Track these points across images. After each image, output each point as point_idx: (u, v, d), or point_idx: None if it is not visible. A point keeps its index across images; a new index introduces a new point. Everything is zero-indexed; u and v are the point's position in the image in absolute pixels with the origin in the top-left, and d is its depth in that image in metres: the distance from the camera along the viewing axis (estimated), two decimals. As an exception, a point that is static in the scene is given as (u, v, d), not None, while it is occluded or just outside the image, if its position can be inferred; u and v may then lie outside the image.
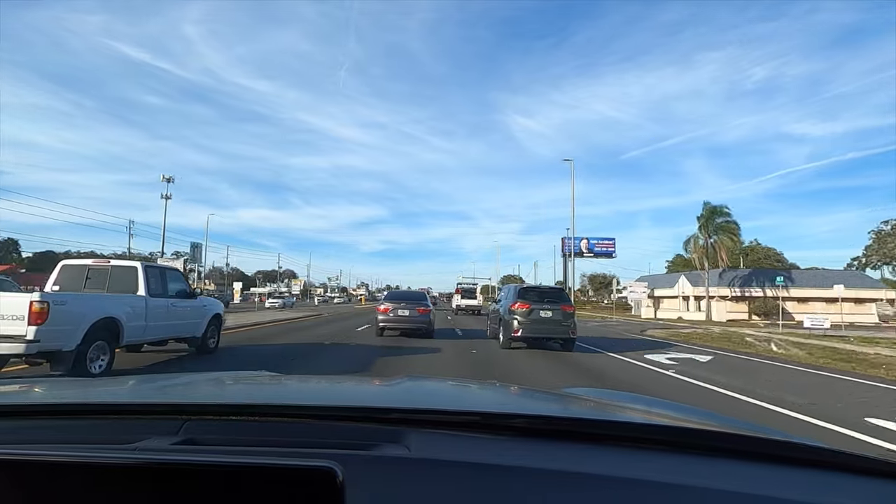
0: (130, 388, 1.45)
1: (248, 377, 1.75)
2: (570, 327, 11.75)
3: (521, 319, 11.54)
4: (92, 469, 0.55)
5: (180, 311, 8.70)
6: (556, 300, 12.19)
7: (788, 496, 0.72)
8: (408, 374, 2.04)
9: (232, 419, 0.91)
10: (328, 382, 1.77)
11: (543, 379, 7.96)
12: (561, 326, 11.72)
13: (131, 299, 7.57)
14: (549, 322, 11.64)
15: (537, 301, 11.87)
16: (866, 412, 5.98)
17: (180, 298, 8.82)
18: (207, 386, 1.46)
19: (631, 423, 1.05)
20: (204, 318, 9.47)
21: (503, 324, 12.13)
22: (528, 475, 0.72)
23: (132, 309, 7.44)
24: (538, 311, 11.67)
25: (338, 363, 9.06)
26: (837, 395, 7.26)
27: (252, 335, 14.17)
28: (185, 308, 8.86)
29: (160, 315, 8.10)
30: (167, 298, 8.35)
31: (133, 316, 7.38)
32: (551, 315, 11.72)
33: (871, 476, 0.82)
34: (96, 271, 7.96)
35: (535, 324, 11.53)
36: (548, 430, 0.91)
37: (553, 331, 11.74)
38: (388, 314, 14.06)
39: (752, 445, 0.88)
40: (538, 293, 12.42)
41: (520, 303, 11.82)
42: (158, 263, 8.35)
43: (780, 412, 5.94)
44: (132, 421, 0.93)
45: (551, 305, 11.83)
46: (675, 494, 0.70)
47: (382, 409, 1.02)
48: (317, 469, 0.52)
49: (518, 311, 11.68)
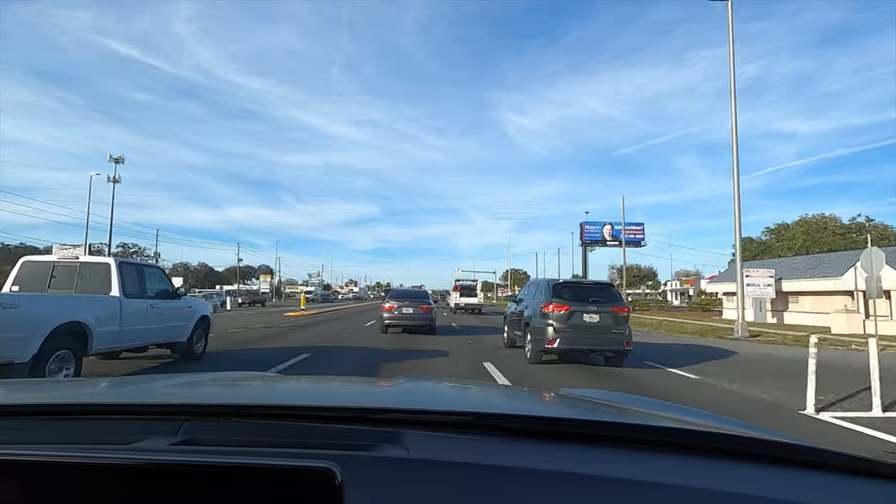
0: (129, 388, 1.44)
1: (248, 377, 1.74)
2: (623, 335, 8.88)
3: (557, 325, 8.73)
4: (91, 469, 0.54)
5: (162, 314, 7.74)
6: (605, 299, 9.21)
7: (788, 497, 0.71)
8: (407, 375, 1.92)
9: (231, 420, 0.90)
10: (327, 383, 1.76)
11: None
12: (611, 335, 8.86)
13: (102, 301, 6.60)
14: (595, 329, 8.82)
15: (579, 301, 9.00)
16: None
17: (162, 299, 7.87)
18: (206, 386, 1.45)
19: (629, 424, 1.02)
20: (189, 321, 8.52)
21: (532, 331, 9.24)
22: (526, 476, 0.71)
23: (104, 311, 6.47)
24: (581, 314, 8.82)
25: (336, 369, 8.16)
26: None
27: (237, 339, 13.24)
28: (167, 310, 7.90)
29: (138, 318, 7.13)
30: (146, 299, 7.38)
31: (104, 319, 6.41)
32: (598, 319, 8.84)
33: (870, 477, 0.81)
34: (63, 269, 6.98)
35: (578, 331, 8.74)
36: (546, 431, 0.90)
37: (601, 340, 8.89)
38: (393, 312, 14.49)
39: (751, 446, 0.87)
40: (580, 290, 9.49)
41: (555, 303, 8.89)
42: (137, 260, 7.30)
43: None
44: (131, 421, 0.92)
45: (598, 306, 8.92)
46: (673, 495, 0.69)
47: (381, 409, 1.00)
48: (316, 470, 0.51)
49: (553, 314, 8.83)
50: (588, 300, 9.12)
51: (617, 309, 9.12)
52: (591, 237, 43.60)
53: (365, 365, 8.48)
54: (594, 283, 10.63)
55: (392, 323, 14.58)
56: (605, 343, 8.97)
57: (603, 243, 43.56)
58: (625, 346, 8.91)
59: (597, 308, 8.99)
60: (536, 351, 9.09)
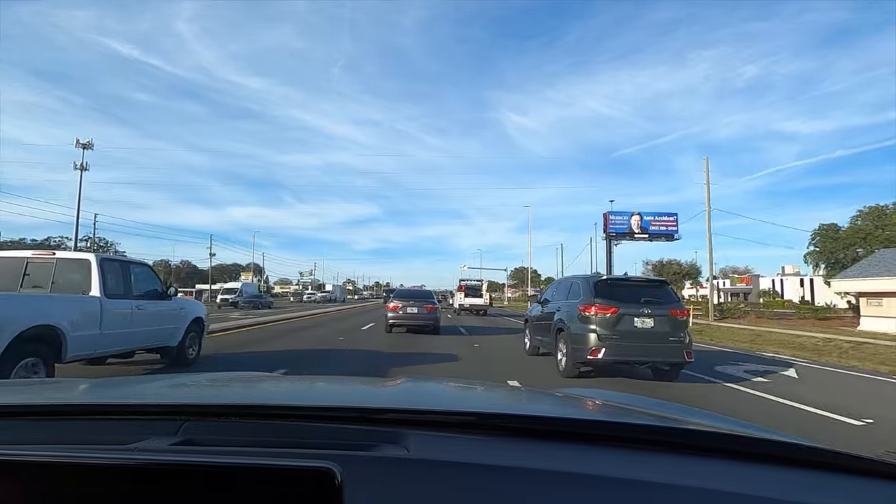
0: (129, 388, 1.43)
1: (247, 377, 1.73)
2: (682, 344, 7.32)
3: (602, 332, 7.15)
4: (90, 470, 0.54)
5: (149, 316, 7.03)
6: (659, 300, 7.57)
7: (788, 497, 0.71)
8: (407, 375, 1.49)
9: (231, 420, 0.90)
10: (327, 383, 1.75)
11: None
12: (668, 343, 7.26)
13: (80, 301, 5.90)
14: (648, 336, 7.24)
15: (628, 302, 7.39)
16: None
17: (149, 300, 7.16)
18: (206, 386, 1.44)
19: (629, 424, 1.02)
20: (181, 324, 7.82)
21: (567, 338, 7.67)
22: (526, 476, 0.71)
23: (81, 313, 5.77)
24: (631, 317, 7.25)
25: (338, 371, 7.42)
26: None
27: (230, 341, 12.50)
28: (155, 311, 7.19)
29: (121, 321, 6.43)
30: (131, 300, 6.68)
31: (82, 322, 5.71)
32: (653, 325, 7.26)
33: (871, 477, 0.81)
34: (37, 266, 6.28)
35: (627, 339, 7.18)
36: (546, 431, 0.90)
37: (655, 350, 7.28)
38: (398, 311, 14.44)
39: (750, 446, 0.87)
40: (629, 289, 7.79)
41: (598, 304, 7.33)
42: (121, 256, 6.60)
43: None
44: (131, 422, 0.92)
45: (652, 308, 7.35)
46: (672, 495, 0.70)
47: (380, 409, 1.00)
48: (316, 470, 0.51)
49: (596, 318, 7.27)
50: (639, 301, 7.46)
51: (675, 312, 7.52)
52: (617, 229, 38.16)
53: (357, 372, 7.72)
54: (645, 281, 8.89)
55: (396, 322, 14.57)
56: (659, 353, 7.31)
57: (630, 236, 38.06)
58: (685, 358, 7.28)
59: (650, 310, 7.35)
60: (574, 363, 7.49)
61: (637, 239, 38.76)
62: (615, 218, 38.63)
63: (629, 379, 7.82)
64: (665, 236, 38.28)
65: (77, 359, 5.77)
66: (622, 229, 38.38)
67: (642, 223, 37.65)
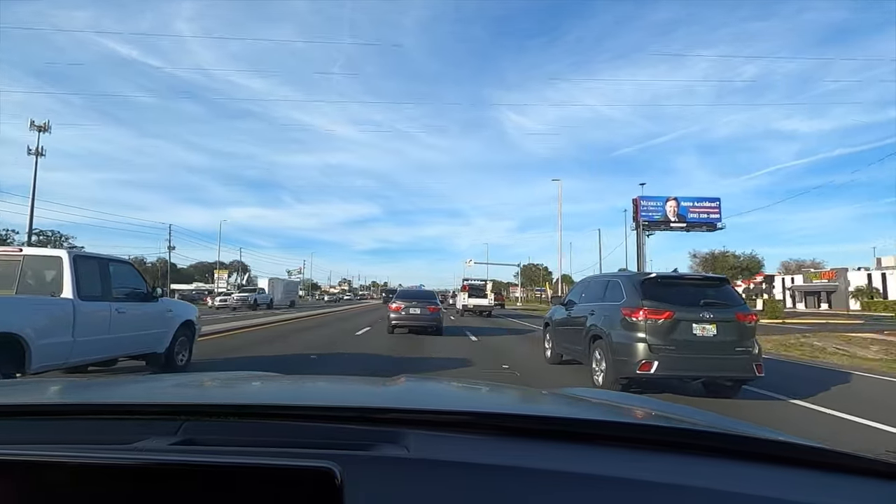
0: (129, 388, 1.43)
1: (247, 377, 1.71)
2: (751, 356, 6.00)
3: (653, 341, 5.88)
4: (91, 469, 0.54)
5: (132, 319, 6.32)
6: (722, 301, 6.23)
7: (788, 497, 0.71)
8: (407, 375, 1.79)
9: (231, 419, 0.90)
10: (327, 383, 1.74)
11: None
12: (734, 354, 5.96)
13: (49, 304, 5.20)
14: (711, 346, 5.93)
15: (685, 304, 6.07)
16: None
17: (132, 301, 6.46)
18: (206, 386, 1.44)
19: (629, 424, 1.03)
20: (169, 328, 7.11)
21: (607, 348, 6.36)
22: (526, 475, 0.71)
23: (49, 318, 5.07)
24: (689, 323, 5.95)
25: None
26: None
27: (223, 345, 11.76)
28: (139, 314, 6.49)
29: (99, 325, 5.73)
30: (111, 302, 5.97)
31: (51, 329, 5.02)
32: (715, 332, 5.95)
33: (872, 477, 0.80)
34: (1, 264, 5.57)
35: (685, 350, 5.89)
36: (546, 431, 0.89)
37: (719, 364, 5.94)
38: (400, 312, 14.12)
39: (751, 446, 0.87)
40: (683, 289, 6.44)
41: (648, 307, 6.00)
42: (99, 253, 5.89)
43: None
44: (131, 421, 0.92)
45: (714, 312, 6.02)
46: (673, 495, 0.69)
47: (380, 409, 1.00)
48: (316, 469, 0.51)
49: (646, 323, 5.97)
50: (698, 303, 6.12)
51: (742, 316, 6.11)
52: (650, 216, 32.69)
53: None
54: (702, 279, 7.47)
55: (399, 323, 14.20)
56: (724, 367, 5.96)
57: (665, 225, 32.46)
58: (754, 372, 5.93)
59: (712, 314, 5.99)
60: (616, 378, 6.13)
61: (674, 228, 32.73)
62: (647, 204, 32.75)
63: (677, 395, 6.47)
64: (706, 225, 32.64)
65: (46, 370, 5.07)
66: (656, 217, 32.75)
67: (679, 210, 32.13)
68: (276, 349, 10.35)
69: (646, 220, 33.21)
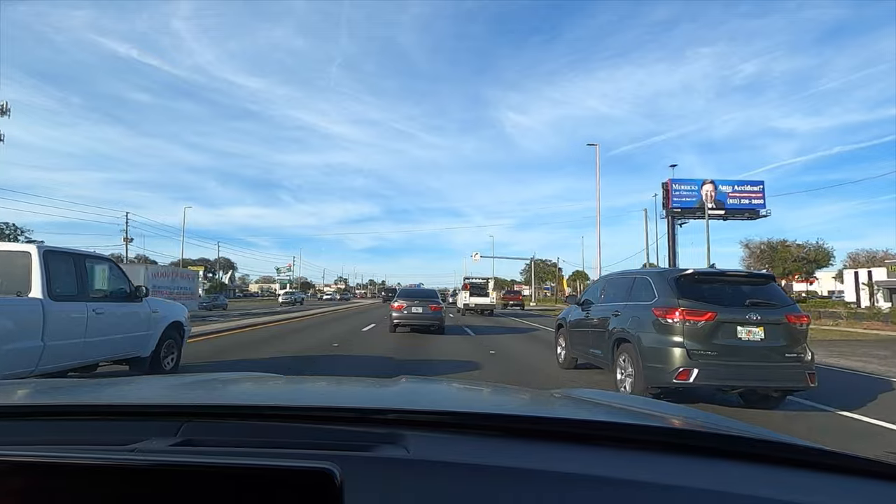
0: (129, 389, 1.43)
1: (247, 378, 1.67)
2: (802, 363, 5.30)
3: (693, 346, 5.19)
4: (91, 470, 0.53)
5: (113, 321, 5.78)
6: (768, 301, 5.50)
7: (788, 497, 0.70)
8: (407, 375, 1.74)
9: (230, 420, 0.91)
10: (326, 383, 1.72)
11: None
12: (784, 362, 5.26)
13: (14, 305, 4.64)
14: (758, 352, 5.24)
15: (728, 304, 5.39)
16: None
17: (114, 301, 5.91)
18: (206, 387, 1.43)
19: (629, 425, 1.01)
20: (155, 330, 6.57)
21: (637, 354, 5.66)
22: (526, 476, 0.71)
23: (14, 321, 4.53)
24: (733, 326, 5.28)
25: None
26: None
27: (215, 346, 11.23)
28: (120, 315, 5.94)
29: (74, 328, 5.19)
30: (87, 302, 5.42)
31: (14, 332, 4.47)
32: (763, 336, 5.27)
33: (871, 477, 0.80)
34: (-38, 261, 5.01)
35: (728, 356, 5.18)
36: (546, 431, 0.90)
37: (767, 372, 5.23)
38: (402, 311, 14.08)
39: (751, 446, 0.86)
40: (725, 287, 5.70)
41: (685, 308, 5.32)
42: (74, 249, 5.31)
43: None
44: (131, 422, 0.92)
45: (760, 314, 5.31)
46: (673, 495, 0.69)
47: (380, 409, 0.99)
48: (315, 470, 0.50)
49: (684, 326, 5.28)
50: (743, 303, 5.40)
51: (792, 318, 5.38)
52: (683, 202, 28.47)
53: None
54: (745, 276, 6.35)
55: (401, 322, 14.15)
56: (773, 376, 5.21)
57: (700, 212, 27.56)
58: (807, 382, 5.19)
59: (760, 316, 5.26)
60: (647, 387, 5.42)
61: (712, 216, 26.99)
62: (680, 188, 28.12)
63: (710, 404, 5.81)
64: (748, 212, 28.09)
65: (9, 377, 4.51)
66: (690, 203, 28.24)
67: (717, 195, 27.54)
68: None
69: (678, 206, 28.39)
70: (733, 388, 5.50)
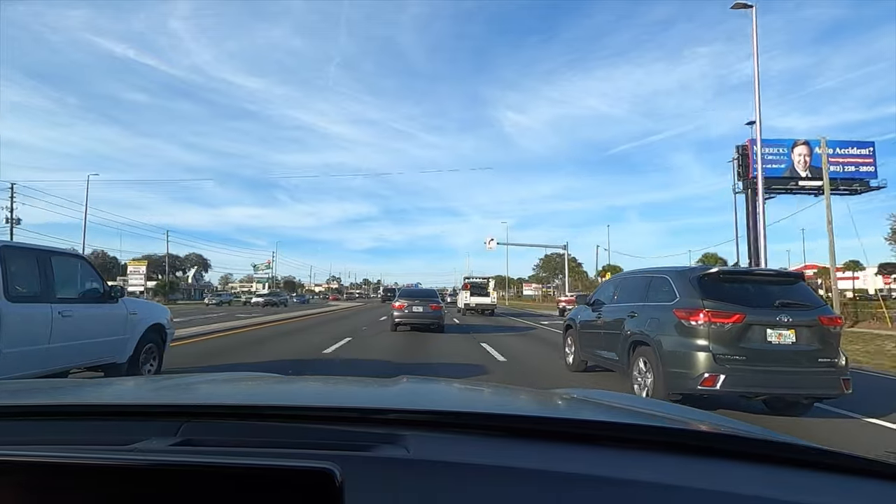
0: (129, 389, 1.44)
1: (247, 378, 1.69)
2: (836, 368, 4.98)
3: (719, 350, 4.84)
4: (91, 470, 0.53)
5: (83, 324, 5.25)
6: (799, 302, 5.17)
7: (788, 497, 0.70)
8: (407, 376, 1.71)
9: (231, 420, 0.90)
10: (326, 383, 1.73)
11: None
12: (818, 367, 4.94)
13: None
14: (789, 357, 4.92)
15: (756, 305, 5.03)
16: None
17: (84, 303, 5.38)
18: (206, 387, 1.43)
19: (628, 424, 1.01)
20: (132, 333, 6.03)
21: (656, 357, 5.31)
22: (526, 476, 0.71)
23: (-38, 325, 3.97)
24: (763, 329, 4.91)
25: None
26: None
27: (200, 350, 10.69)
28: (92, 318, 5.41)
29: (36, 333, 4.65)
30: (53, 303, 4.88)
31: (-38, 338, 3.92)
32: (794, 339, 4.91)
33: (871, 477, 0.80)
34: None
35: (757, 361, 4.82)
36: (546, 431, 0.89)
37: (799, 378, 4.89)
38: (403, 310, 14.43)
39: (751, 446, 0.86)
40: (752, 287, 5.38)
41: (710, 309, 4.96)
42: (38, 245, 4.74)
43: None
44: (131, 422, 0.92)
45: (791, 315, 4.96)
46: (673, 495, 0.69)
47: (380, 409, 0.99)
48: (315, 470, 0.49)
49: (708, 328, 4.93)
50: (773, 304, 5.04)
51: (825, 320, 5.06)
52: (769, 170, 20.48)
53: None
54: (773, 275, 5.98)
55: (402, 321, 14.51)
56: (805, 382, 4.89)
57: (793, 182, 21.70)
58: (842, 388, 4.85)
59: (791, 318, 4.92)
60: (669, 393, 5.03)
61: (805, 189, 20.95)
62: (766, 151, 20.15)
63: (732, 411, 5.31)
64: (856, 183, 21.17)
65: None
66: (778, 170, 21.56)
67: (813, 158, 20.72)
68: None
69: (765, 174, 19.26)
70: (758, 395, 5.14)
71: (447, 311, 17.79)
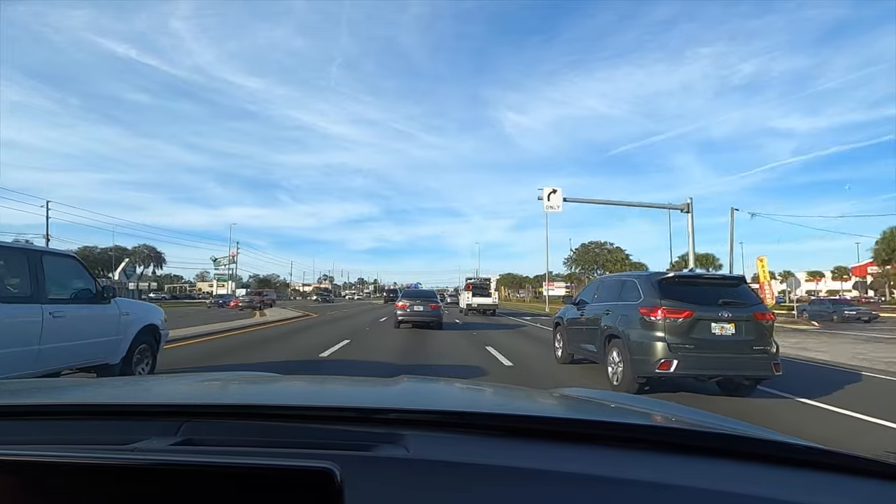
0: (129, 389, 1.43)
1: (247, 377, 1.70)
2: (769, 355, 6.07)
3: (673, 340, 5.87)
4: (91, 470, 0.52)
5: (74, 325, 5.15)
6: (739, 301, 6.26)
7: (788, 497, 0.70)
8: (407, 375, 1.74)
9: (231, 420, 0.91)
10: (326, 383, 1.71)
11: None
12: (752, 353, 6.00)
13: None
14: (728, 345, 5.98)
15: (703, 303, 6.08)
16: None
17: (76, 303, 5.29)
18: (206, 386, 1.43)
19: (629, 424, 1.01)
20: (125, 334, 5.95)
21: (625, 348, 6.31)
22: (526, 476, 0.70)
23: (-51, 326, 3.89)
24: (708, 322, 5.98)
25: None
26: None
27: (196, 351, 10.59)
28: (83, 319, 5.32)
29: (24, 334, 4.56)
30: (42, 304, 4.79)
31: (-51, 340, 3.84)
32: (734, 331, 6.00)
33: (871, 477, 0.80)
34: None
35: (704, 349, 5.88)
36: (546, 431, 0.89)
37: (737, 363, 5.94)
38: (406, 309, 15.69)
39: (751, 446, 0.87)
40: (701, 288, 6.43)
41: (667, 307, 6.00)
42: (26, 244, 4.64)
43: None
44: (131, 422, 0.92)
45: (732, 311, 6.05)
46: (673, 495, 0.69)
47: (380, 409, 0.98)
48: (315, 470, 0.49)
49: (665, 323, 5.97)
50: (717, 302, 6.13)
51: (759, 315, 6.16)
52: None
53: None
54: (719, 278, 7.28)
55: (404, 319, 15.67)
56: (742, 366, 5.97)
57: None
58: (772, 371, 5.97)
59: (731, 314, 6.01)
60: (634, 377, 6.09)
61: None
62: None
63: (692, 394, 6.51)
64: None
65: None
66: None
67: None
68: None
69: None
70: (710, 377, 6.23)
71: (448, 312, 18.85)
